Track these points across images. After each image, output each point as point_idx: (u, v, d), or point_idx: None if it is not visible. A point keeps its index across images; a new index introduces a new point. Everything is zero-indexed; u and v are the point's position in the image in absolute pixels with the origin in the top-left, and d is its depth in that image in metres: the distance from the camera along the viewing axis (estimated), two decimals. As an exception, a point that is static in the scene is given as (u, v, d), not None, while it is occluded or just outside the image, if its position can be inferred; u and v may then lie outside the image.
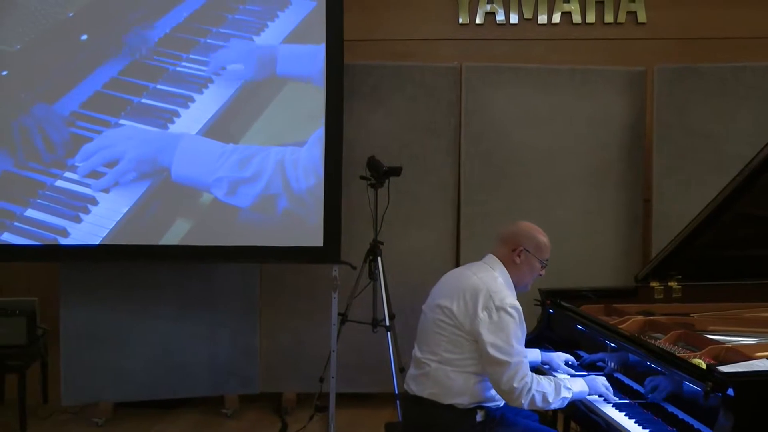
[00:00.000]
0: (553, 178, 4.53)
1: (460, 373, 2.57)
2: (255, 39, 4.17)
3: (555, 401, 2.52)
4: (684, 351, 2.56)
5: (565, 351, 3.02)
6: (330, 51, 4.12)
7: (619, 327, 2.85)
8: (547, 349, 3.12)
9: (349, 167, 4.21)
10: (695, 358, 2.36)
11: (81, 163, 4.08)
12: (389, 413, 4.30)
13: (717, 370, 2.14)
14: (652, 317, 3.01)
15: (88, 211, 4.07)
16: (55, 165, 4.08)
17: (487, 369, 2.53)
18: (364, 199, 4.07)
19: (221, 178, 4.11)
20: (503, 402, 2.62)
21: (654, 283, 3.28)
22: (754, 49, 4.87)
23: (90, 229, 4.06)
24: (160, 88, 4.13)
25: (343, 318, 4.01)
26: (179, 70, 4.14)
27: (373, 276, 3.98)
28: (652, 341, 2.69)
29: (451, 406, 2.58)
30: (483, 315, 2.52)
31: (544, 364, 2.95)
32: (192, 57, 4.14)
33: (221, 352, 4.49)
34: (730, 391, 2.05)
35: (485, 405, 2.61)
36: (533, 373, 2.53)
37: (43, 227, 4.06)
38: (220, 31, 4.15)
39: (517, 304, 2.57)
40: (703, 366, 2.21)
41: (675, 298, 3.27)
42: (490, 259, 2.72)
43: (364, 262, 4.02)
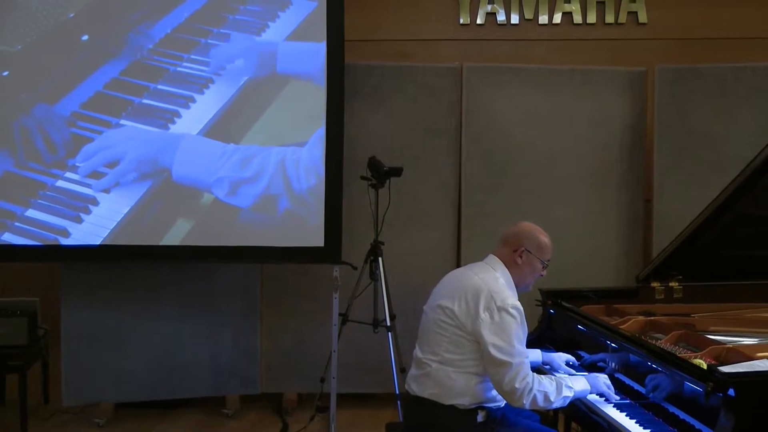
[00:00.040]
0: (553, 178, 4.52)
1: (461, 374, 2.57)
2: (256, 39, 4.17)
3: (557, 400, 2.52)
4: (685, 351, 2.56)
5: (566, 351, 3.02)
6: (331, 50, 4.12)
7: (620, 327, 2.85)
8: (548, 349, 3.12)
9: (350, 167, 4.21)
10: (696, 358, 2.36)
11: (82, 164, 4.08)
12: (390, 414, 4.30)
13: (718, 370, 2.14)
14: (653, 317, 3.00)
15: (89, 212, 4.07)
16: (56, 165, 4.08)
17: (488, 369, 2.53)
18: (365, 200, 4.07)
19: (222, 178, 4.11)
20: (504, 402, 2.62)
21: (655, 284, 3.28)
22: (754, 49, 4.86)
23: (91, 230, 4.06)
24: (161, 88, 4.13)
25: (344, 318, 4.01)
26: (180, 70, 4.14)
27: (374, 276, 3.98)
28: (653, 341, 2.68)
29: (452, 407, 2.58)
30: (484, 315, 2.52)
31: (545, 364, 2.95)
32: (193, 57, 4.15)
33: (222, 352, 4.49)
34: (731, 392, 2.05)
35: (486, 405, 2.61)
36: (534, 373, 2.53)
37: (44, 227, 4.06)
38: (220, 31, 4.16)
39: (519, 304, 2.57)
40: (704, 366, 2.21)
41: (676, 298, 3.27)
42: (492, 260, 2.72)
43: (365, 262, 4.03)
